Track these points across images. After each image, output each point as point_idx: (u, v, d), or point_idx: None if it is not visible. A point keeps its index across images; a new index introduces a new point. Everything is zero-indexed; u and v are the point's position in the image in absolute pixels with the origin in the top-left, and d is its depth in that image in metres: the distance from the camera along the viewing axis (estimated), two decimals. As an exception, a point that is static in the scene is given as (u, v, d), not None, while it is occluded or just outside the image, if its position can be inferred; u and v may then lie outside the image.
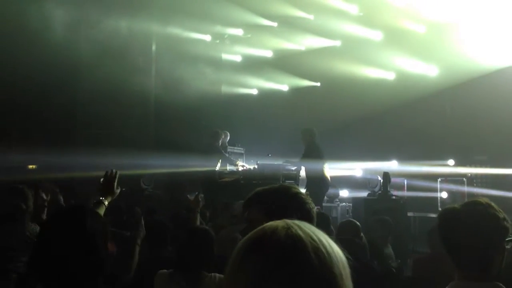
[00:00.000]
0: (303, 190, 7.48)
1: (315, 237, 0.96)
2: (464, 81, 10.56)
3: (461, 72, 10.49)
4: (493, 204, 2.04)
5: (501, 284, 1.95)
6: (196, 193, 4.54)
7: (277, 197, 1.89)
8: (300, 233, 0.95)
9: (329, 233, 3.63)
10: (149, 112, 12.87)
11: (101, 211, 2.90)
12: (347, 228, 4.39)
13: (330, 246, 0.97)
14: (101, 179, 3.13)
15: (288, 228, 0.96)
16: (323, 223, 5.08)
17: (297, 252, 0.91)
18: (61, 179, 7.61)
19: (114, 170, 3.17)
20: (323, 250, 0.94)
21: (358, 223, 4.52)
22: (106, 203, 2.99)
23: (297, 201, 1.88)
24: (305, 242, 0.93)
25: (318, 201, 8.69)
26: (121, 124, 11.63)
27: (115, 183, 3.12)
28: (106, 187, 3.07)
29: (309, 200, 1.91)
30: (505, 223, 1.99)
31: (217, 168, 9.22)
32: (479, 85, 10.42)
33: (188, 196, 5.51)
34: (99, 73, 10.52)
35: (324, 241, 0.97)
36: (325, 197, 9.58)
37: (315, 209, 1.92)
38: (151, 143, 12.21)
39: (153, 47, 13.01)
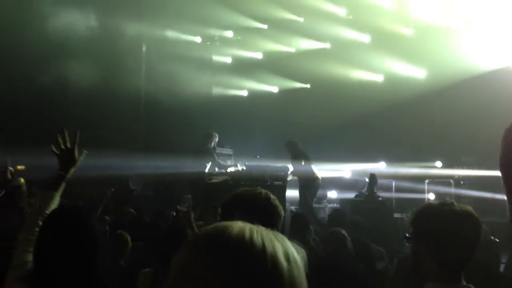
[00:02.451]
0: (294, 192, 7.57)
1: (256, 233, 0.98)
2: (451, 83, 10.65)
3: (449, 75, 10.58)
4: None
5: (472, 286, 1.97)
6: (187, 205, 4.49)
7: (250, 202, 1.98)
8: (247, 229, 0.98)
9: (308, 232, 3.66)
10: (139, 113, 12.88)
11: (61, 188, 2.36)
12: (332, 240, 4.44)
13: (279, 242, 0.98)
14: (56, 146, 2.42)
15: (242, 226, 0.99)
16: (301, 223, 5.14)
17: (242, 247, 0.94)
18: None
19: (70, 131, 2.46)
20: (268, 243, 0.96)
21: (343, 231, 4.56)
22: (68, 176, 2.39)
23: (270, 206, 1.99)
24: (252, 238, 0.96)
25: (308, 202, 8.81)
26: (110, 125, 11.63)
27: (76, 147, 2.43)
28: (65, 155, 2.41)
29: (279, 204, 2.01)
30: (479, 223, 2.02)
31: (207, 169, 9.25)
32: (467, 88, 10.51)
33: (179, 207, 5.49)
34: (88, 74, 10.52)
35: (271, 236, 0.99)
36: (314, 198, 9.65)
37: (284, 214, 1.99)
38: (140, 144, 12.21)
39: (143, 49, 13.02)
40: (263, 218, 1.94)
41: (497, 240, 5.38)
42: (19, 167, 10.54)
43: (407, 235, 2.12)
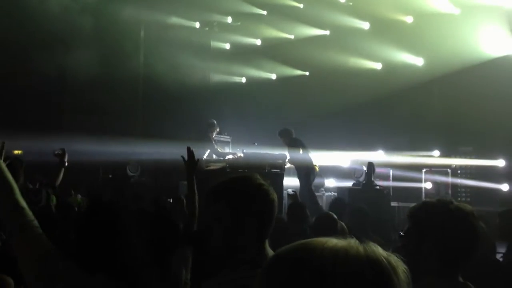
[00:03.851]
0: (293, 179, 7.57)
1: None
2: (450, 72, 10.60)
3: (447, 63, 10.53)
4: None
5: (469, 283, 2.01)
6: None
7: (239, 188, 1.86)
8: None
9: (306, 220, 3.61)
10: (137, 99, 12.83)
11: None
12: (323, 222, 4.41)
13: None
14: None
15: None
16: (298, 211, 5.13)
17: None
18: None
19: None
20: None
21: (334, 215, 4.54)
22: None
23: (262, 192, 1.86)
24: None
25: (307, 189, 8.84)
26: (108, 110, 11.58)
27: None
28: None
29: (272, 190, 1.89)
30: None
31: (205, 157, 9.24)
32: (466, 76, 10.47)
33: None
34: (86, 59, 10.45)
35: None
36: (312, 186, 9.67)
37: (276, 200, 1.89)
38: (138, 130, 12.18)
39: (142, 34, 12.92)
40: (252, 205, 1.90)
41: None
42: (16, 151, 10.53)
43: (401, 233, 2.12)
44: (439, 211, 2.03)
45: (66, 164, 3.88)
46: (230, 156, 9.23)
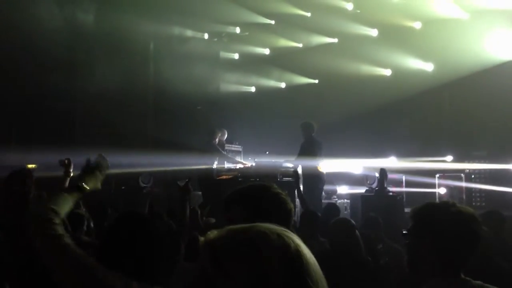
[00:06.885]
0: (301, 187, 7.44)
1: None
2: (461, 76, 10.57)
3: (458, 68, 10.50)
4: None
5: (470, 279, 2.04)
6: (186, 180, 4.30)
7: (257, 196, 1.90)
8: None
9: (317, 227, 3.60)
10: (147, 111, 12.90)
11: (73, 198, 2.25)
12: (339, 227, 4.37)
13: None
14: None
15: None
16: (309, 218, 5.11)
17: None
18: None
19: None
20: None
21: (351, 220, 4.50)
22: (87, 188, 2.29)
23: (278, 201, 1.90)
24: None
25: (316, 197, 8.77)
26: (119, 123, 11.64)
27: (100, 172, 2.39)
28: (90, 175, 2.35)
29: (289, 200, 1.93)
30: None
31: (215, 166, 9.25)
32: (477, 80, 10.42)
33: (178, 182, 5.28)
34: (97, 72, 10.55)
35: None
36: (323, 194, 9.62)
37: (293, 209, 1.94)
38: (149, 141, 12.23)
39: (151, 46, 13.02)
40: (271, 214, 1.90)
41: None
42: (29, 165, 10.60)
43: (404, 231, 2.16)
44: (439, 212, 2.09)
45: (72, 174, 3.94)
46: (241, 165, 9.23)
